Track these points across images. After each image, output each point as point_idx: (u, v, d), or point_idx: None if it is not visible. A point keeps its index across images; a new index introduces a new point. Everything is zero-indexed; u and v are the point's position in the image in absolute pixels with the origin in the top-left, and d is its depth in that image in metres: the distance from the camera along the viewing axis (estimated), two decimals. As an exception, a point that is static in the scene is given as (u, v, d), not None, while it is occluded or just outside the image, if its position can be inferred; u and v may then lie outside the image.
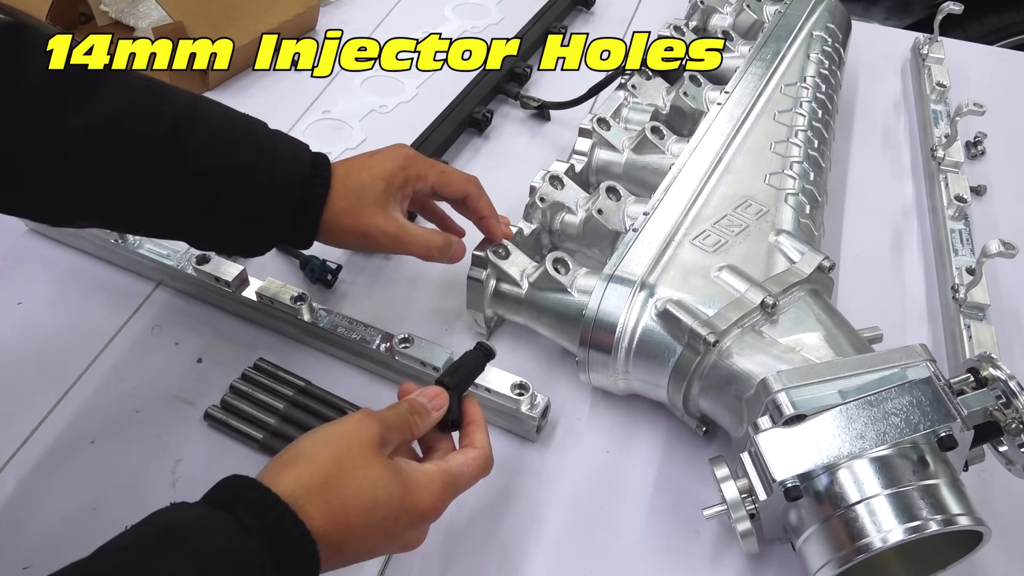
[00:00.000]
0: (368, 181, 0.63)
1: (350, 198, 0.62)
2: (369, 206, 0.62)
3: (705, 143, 0.79)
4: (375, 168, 0.63)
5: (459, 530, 0.62)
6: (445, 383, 0.56)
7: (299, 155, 0.62)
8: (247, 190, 0.58)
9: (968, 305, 0.76)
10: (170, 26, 0.93)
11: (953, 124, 0.92)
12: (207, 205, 0.58)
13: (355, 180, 0.63)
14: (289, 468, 0.46)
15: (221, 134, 0.59)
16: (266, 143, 0.61)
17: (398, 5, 1.19)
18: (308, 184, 0.61)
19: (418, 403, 0.54)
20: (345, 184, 0.62)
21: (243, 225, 0.60)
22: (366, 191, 0.62)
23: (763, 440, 0.54)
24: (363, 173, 0.63)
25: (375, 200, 0.62)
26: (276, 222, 0.60)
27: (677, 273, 0.66)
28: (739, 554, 0.61)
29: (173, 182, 0.56)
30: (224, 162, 0.58)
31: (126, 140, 0.55)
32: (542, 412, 0.66)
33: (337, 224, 0.62)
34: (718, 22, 1.05)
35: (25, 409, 0.67)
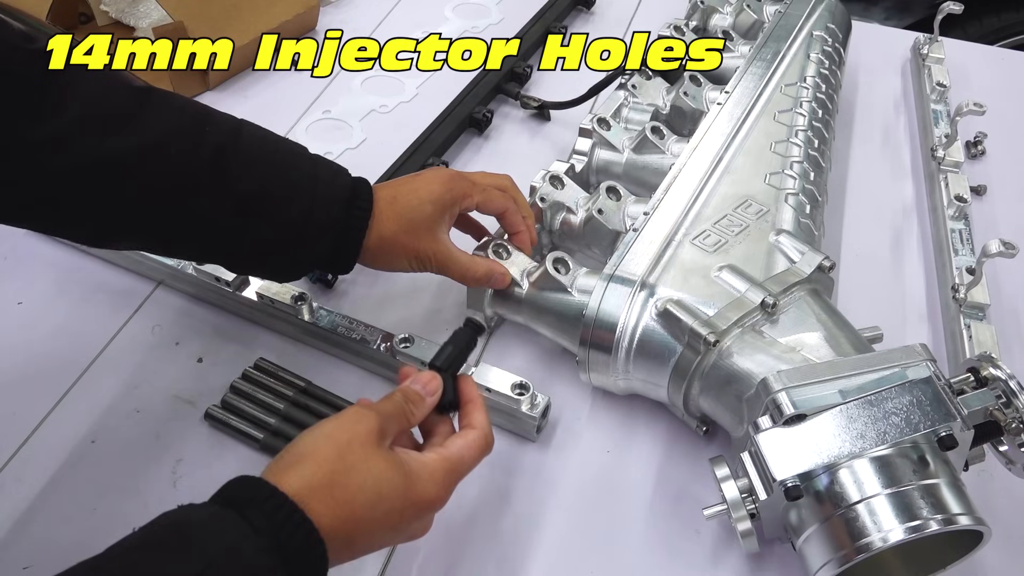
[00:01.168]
0: (417, 204, 0.63)
1: (401, 222, 0.63)
2: (421, 229, 0.63)
3: (705, 143, 0.79)
4: (423, 191, 0.64)
5: (459, 530, 0.62)
6: (437, 366, 0.56)
7: (339, 179, 0.62)
8: (288, 214, 0.59)
9: (968, 305, 0.76)
10: (170, 26, 0.93)
11: (953, 124, 0.92)
12: (248, 229, 0.58)
13: (404, 204, 0.63)
14: (293, 467, 0.46)
15: (264, 158, 0.59)
16: (307, 167, 0.61)
17: (398, 5, 1.19)
18: (348, 207, 0.61)
19: (412, 391, 0.54)
20: (394, 208, 0.63)
21: (283, 249, 0.60)
22: (417, 214, 0.63)
23: (763, 440, 0.54)
24: (411, 197, 0.64)
25: (426, 223, 0.64)
26: (316, 246, 0.61)
27: (677, 273, 0.66)
28: (739, 554, 0.61)
29: (215, 206, 0.56)
30: (266, 186, 0.58)
31: (170, 164, 0.55)
32: (542, 412, 0.66)
33: (389, 248, 0.63)
34: (718, 22, 1.05)
35: (25, 409, 0.67)
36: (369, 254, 0.63)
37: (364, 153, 0.94)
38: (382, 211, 0.62)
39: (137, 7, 1.01)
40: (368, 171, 0.86)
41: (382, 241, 0.63)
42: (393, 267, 0.65)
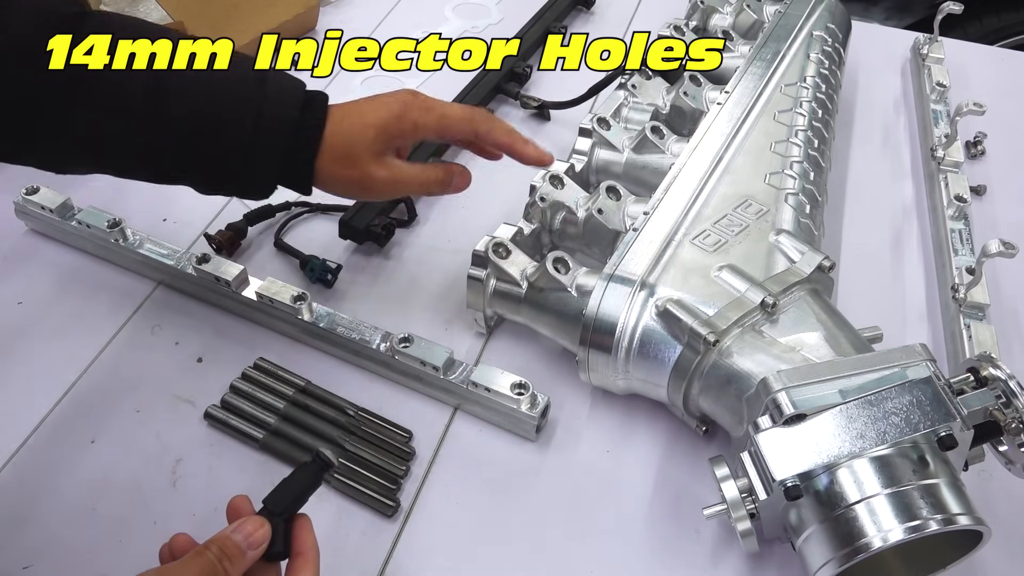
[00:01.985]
0: (360, 129, 0.61)
1: (342, 148, 0.60)
2: (362, 155, 0.61)
3: (705, 143, 0.79)
4: (369, 115, 0.61)
5: (459, 530, 0.62)
6: (270, 509, 0.48)
7: (288, 97, 0.59)
8: (229, 139, 0.57)
9: (968, 305, 0.76)
10: (170, 26, 0.93)
11: (953, 124, 0.92)
12: (190, 155, 0.57)
13: (347, 128, 0.61)
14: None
15: (203, 82, 0.57)
16: (252, 88, 0.59)
17: (398, 5, 1.19)
18: (297, 128, 0.59)
19: (231, 544, 0.45)
20: (337, 132, 0.60)
21: (233, 172, 0.59)
22: (357, 139, 0.60)
23: (763, 439, 0.54)
24: (356, 120, 0.61)
25: (367, 148, 0.61)
26: (266, 168, 0.59)
27: (677, 273, 0.66)
28: (739, 554, 0.61)
29: (152, 133, 0.56)
30: (204, 111, 0.57)
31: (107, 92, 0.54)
32: (542, 412, 0.66)
33: (332, 174, 0.61)
34: (718, 22, 1.05)
35: (25, 409, 0.67)
36: (322, 179, 0.62)
37: (364, 153, 0.94)
38: (329, 137, 0.60)
39: (137, 7, 1.01)
40: (368, 171, 0.86)
41: (326, 165, 0.61)
42: (341, 192, 0.64)
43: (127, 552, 0.59)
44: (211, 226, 0.84)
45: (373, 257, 0.82)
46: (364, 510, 0.62)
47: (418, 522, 0.62)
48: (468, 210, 0.88)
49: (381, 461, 0.64)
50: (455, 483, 0.65)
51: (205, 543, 0.45)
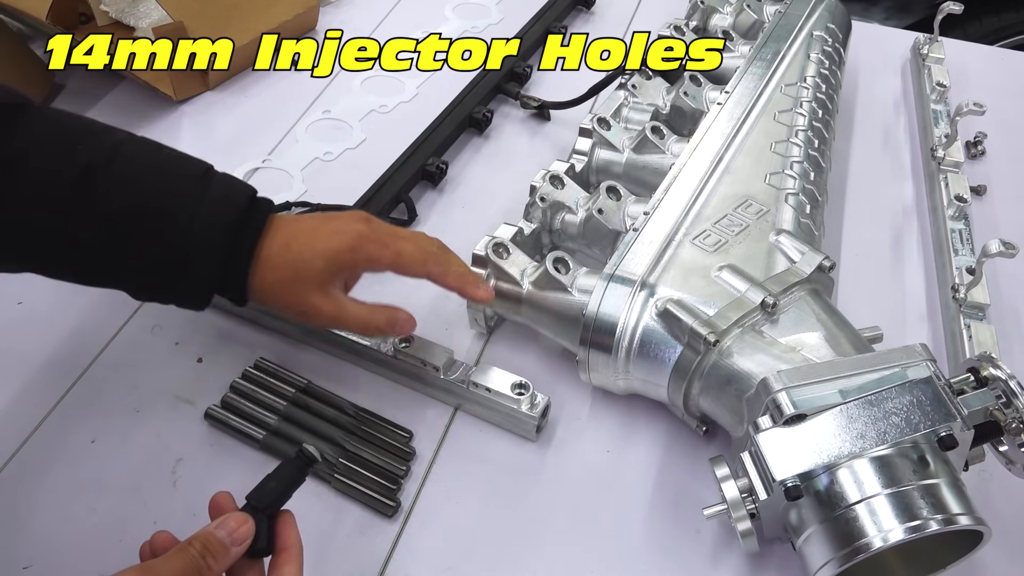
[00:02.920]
0: (309, 256, 0.57)
1: (286, 272, 0.57)
2: (307, 284, 0.58)
3: (705, 143, 0.79)
4: (320, 243, 0.58)
5: (459, 530, 0.62)
6: (253, 505, 0.48)
7: (233, 198, 0.57)
8: (162, 238, 0.54)
9: (968, 305, 0.76)
10: (170, 26, 0.93)
11: (953, 124, 0.92)
12: (120, 251, 0.54)
13: (295, 252, 0.58)
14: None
15: (141, 177, 0.55)
16: (192, 187, 0.56)
17: (398, 5, 1.19)
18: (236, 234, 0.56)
19: (214, 540, 0.45)
20: (284, 255, 0.57)
21: (165, 275, 0.56)
22: (305, 267, 0.57)
23: (763, 440, 0.54)
24: (306, 246, 0.58)
25: (314, 278, 0.58)
26: (200, 273, 0.56)
27: (677, 273, 0.66)
28: (739, 554, 0.61)
29: (81, 226, 0.53)
30: (137, 206, 0.54)
31: (31, 181, 0.52)
32: (542, 412, 0.66)
33: (273, 293, 0.58)
34: (718, 22, 1.05)
35: (25, 409, 0.67)
36: (255, 294, 0.58)
37: (364, 153, 0.94)
38: (272, 254, 0.57)
39: (137, 7, 1.01)
40: (368, 171, 0.87)
41: (266, 285, 0.58)
42: (278, 311, 0.61)
43: (127, 552, 0.59)
44: (211, 226, 0.84)
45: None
46: (364, 510, 0.62)
47: (418, 522, 0.62)
48: (468, 210, 0.88)
49: (381, 461, 0.64)
50: (455, 483, 0.65)
51: (188, 539, 0.45)
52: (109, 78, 1.00)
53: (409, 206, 0.86)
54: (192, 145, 0.94)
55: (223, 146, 0.94)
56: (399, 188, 0.85)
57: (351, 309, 0.60)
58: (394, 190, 0.85)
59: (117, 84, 1.00)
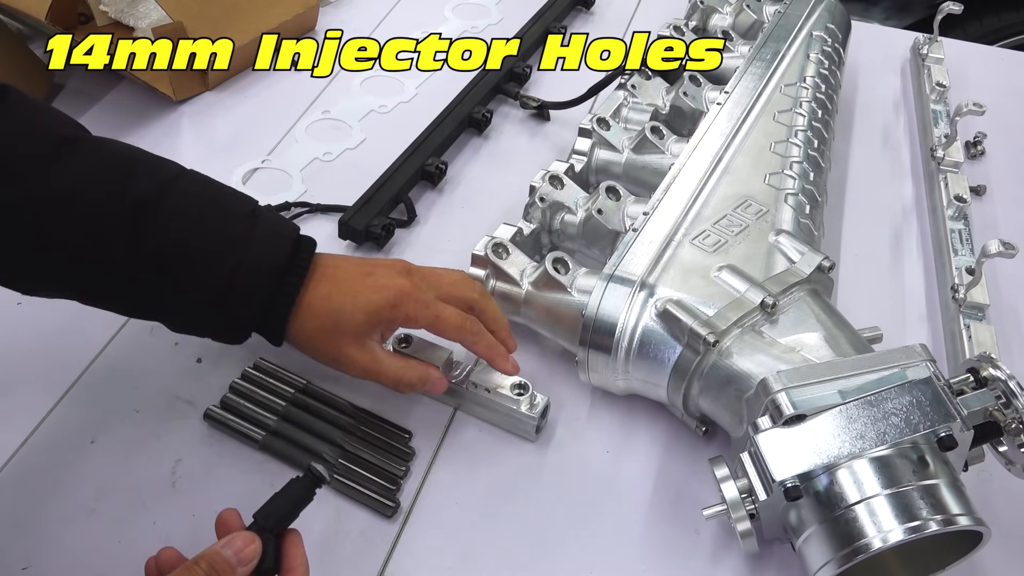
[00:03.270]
0: (350, 310, 0.59)
1: (327, 321, 0.59)
2: (346, 335, 0.59)
3: (705, 143, 0.79)
4: (361, 298, 0.59)
5: (459, 530, 0.62)
6: (260, 524, 0.48)
7: (279, 242, 0.58)
8: (208, 275, 0.55)
9: (968, 305, 0.76)
10: (170, 26, 0.93)
11: (953, 124, 0.92)
12: (167, 288, 0.55)
13: (336, 304, 0.59)
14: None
15: (191, 213, 0.56)
16: (240, 227, 0.57)
17: (398, 5, 1.19)
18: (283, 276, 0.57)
19: (221, 559, 0.45)
20: (325, 305, 0.59)
21: (206, 311, 0.57)
22: (346, 320, 0.59)
23: (763, 440, 0.54)
24: (347, 300, 0.59)
25: (353, 331, 0.59)
26: (241, 313, 0.57)
27: (677, 273, 0.66)
28: (739, 554, 0.61)
29: (129, 262, 0.54)
30: (187, 244, 0.55)
31: (83, 215, 0.53)
32: (542, 412, 0.66)
33: (311, 340, 0.60)
34: (718, 22, 1.05)
35: (25, 409, 0.67)
36: (294, 338, 0.60)
37: (363, 153, 0.94)
38: (315, 303, 0.58)
39: (137, 7, 1.01)
40: (368, 171, 0.87)
41: (305, 332, 0.59)
42: (312, 357, 0.62)
43: (127, 552, 0.59)
44: (211, 226, 0.84)
45: (372, 257, 0.82)
46: (364, 510, 0.62)
47: (418, 522, 0.62)
48: (468, 210, 0.88)
49: (381, 461, 0.64)
50: (455, 483, 0.65)
51: (194, 559, 0.45)
52: (109, 78, 1.00)
53: (409, 206, 0.86)
54: (192, 145, 0.94)
55: (223, 146, 0.94)
56: (399, 188, 0.85)
57: (386, 364, 0.61)
58: (394, 190, 0.85)
59: (117, 84, 1.00)
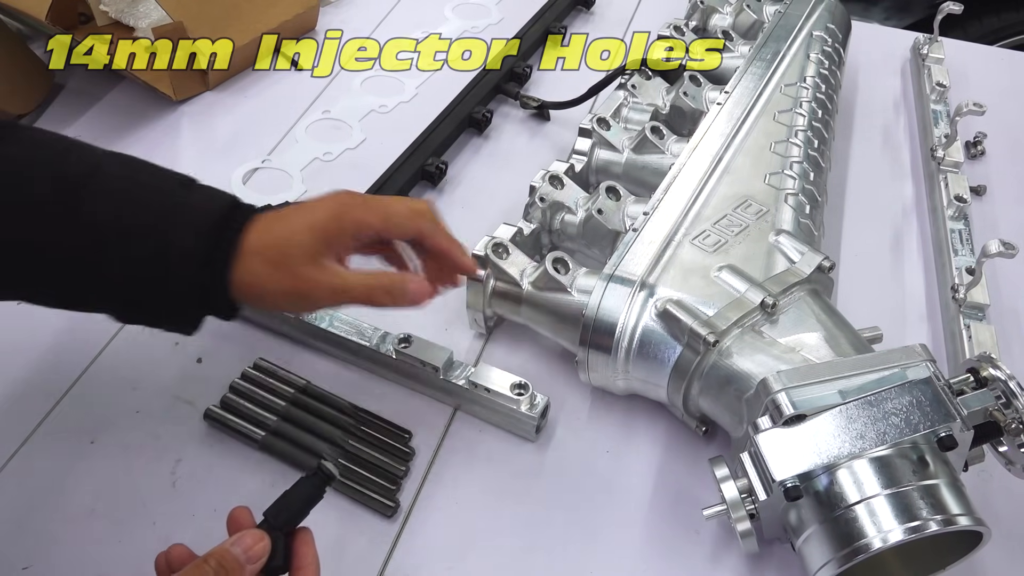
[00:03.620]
0: (292, 232, 0.54)
1: (272, 254, 0.54)
2: (298, 261, 0.54)
3: (705, 143, 0.79)
4: (302, 217, 0.55)
5: (459, 530, 0.62)
6: (270, 522, 0.48)
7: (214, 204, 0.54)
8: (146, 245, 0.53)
9: (968, 305, 0.76)
10: (170, 26, 0.93)
11: (953, 124, 0.92)
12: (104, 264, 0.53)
13: (277, 233, 0.54)
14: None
15: (124, 189, 0.54)
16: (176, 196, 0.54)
17: (398, 5, 1.19)
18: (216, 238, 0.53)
19: (230, 557, 0.45)
20: (265, 239, 0.54)
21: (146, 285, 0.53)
22: (292, 245, 0.54)
23: (763, 440, 0.54)
24: (287, 223, 0.55)
25: (304, 253, 0.54)
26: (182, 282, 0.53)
27: (677, 273, 0.66)
28: (739, 554, 0.61)
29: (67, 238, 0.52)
30: (122, 216, 0.52)
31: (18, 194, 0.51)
32: (541, 412, 0.66)
33: (263, 282, 0.54)
34: (718, 22, 1.05)
35: (25, 409, 0.67)
36: (246, 292, 0.54)
37: (364, 153, 0.94)
38: (253, 242, 0.53)
39: (137, 7, 1.01)
40: (367, 171, 0.87)
41: (254, 277, 0.53)
42: (278, 306, 0.58)
43: (127, 552, 0.59)
44: (211, 226, 0.84)
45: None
46: (364, 510, 0.62)
47: (418, 522, 0.62)
48: (468, 210, 0.88)
49: (381, 461, 0.64)
50: (455, 483, 0.65)
51: (204, 556, 0.45)
52: (109, 78, 1.00)
53: (409, 206, 0.85)
54: (192, 145, 0.94)
55: (223, 146, 0.94)
56: (399, 188, 0.85)
57: (349, 277, 0.55)
58: (394, 190, 0.85)
59: (117, 84, 1.00)
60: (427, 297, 0.58)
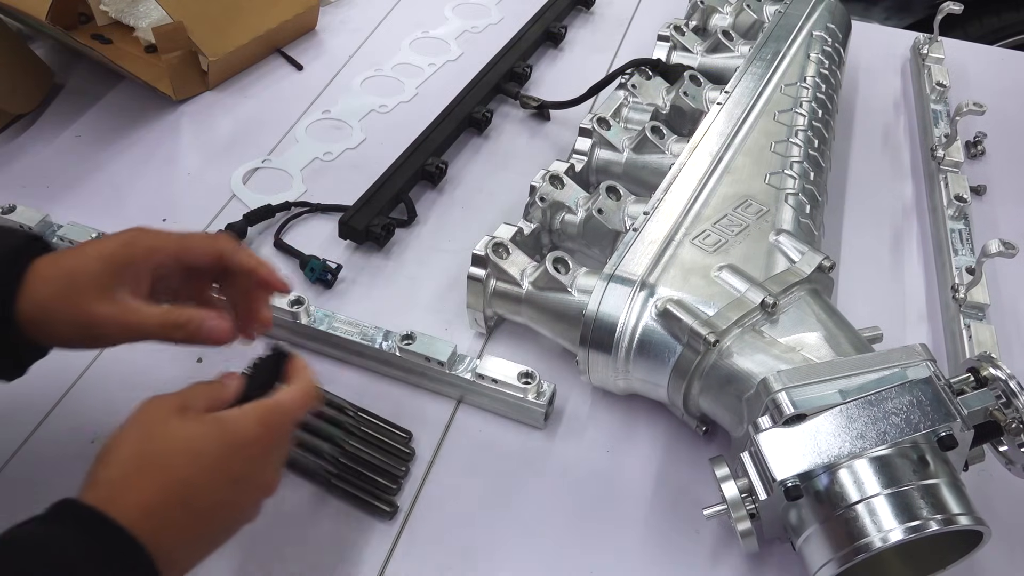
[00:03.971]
0: (82, 262, 0.51)
1: (59, 283, 0.51)
2: (87, 291, 0.51)
3: (705, 143, 0.79)
4: (91, 247, 0.53)
5: (459, 530, 0.62)
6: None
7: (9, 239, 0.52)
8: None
9: (968, 305, 0.76)
10: (170, 26, 0.93)
11: (953, 124, 0.92)
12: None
13: (65, 264, 0.52)
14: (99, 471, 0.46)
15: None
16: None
17: (398, 5, 1.19)
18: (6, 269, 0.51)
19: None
20: (51, 268, 0.51)
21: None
22: (79, 273, 0.51)
23: (763, 439, 0.54)
24: (77, 254, 0.52)
25: (93, 283, 0.51)
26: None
27: (677, 273, 0.66)
28: (739, 554, 0.61)
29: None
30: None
31: None
32: (549, 399, 0.66)
33: (46, 316, 0.51)
34: (718, 22, 1.05)
35: (25, 409, 0.67)
36: (33, 326, 0.51)
37: (364, 153, 0.94)
38: (39, 272, 0.51)
39: (137, 7, 1.01)
40: (368, 171, 0.87)
41: (38, 308, 0.51)
42: (66, 341, 0.54)
43: (127, 552, 0.59)
44: (211, 226, 0.84)
45: (373, 257, 0.82)
46: (364, 511, 0.62)
47: (418, 522, 0.62)
48: (468, 210, 0.88)
49: (381, 462, 0.64)
50: (455, 483, 0.65)
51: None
52: (109, 78, 1.00)
53: (409, 206, 0.86)
54: (192, 145, 0.94)
55: (223, 146, 0.94)
56: (399, 188, 0.85)
57: (141, 310, 0.52)
58: (394, 190, 0.85)
59: (117, 84, 1.00)
60: (227, 335, 0.54)
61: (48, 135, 0.93)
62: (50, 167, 0.90)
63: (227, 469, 0.46)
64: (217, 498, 0.46)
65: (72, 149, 0.92)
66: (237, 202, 0.86)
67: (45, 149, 0.92)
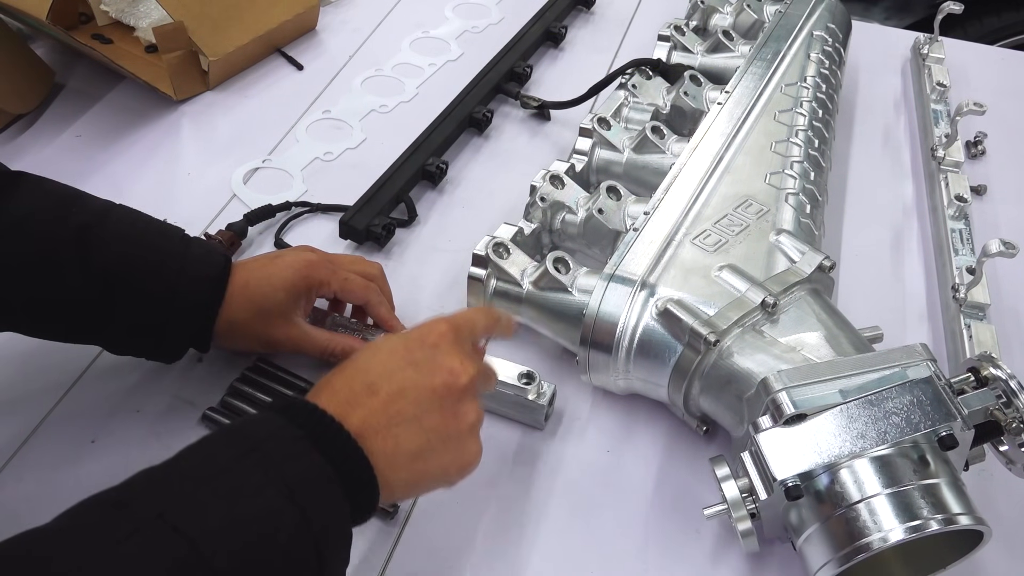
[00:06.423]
0: (270, 292, 0.64)
1: (252, 309, 0.63)
2: (272, 316, 0.64)
3: (705, 143, 0.79)
4: (276, 278, 0.64)
5: (459, 530, 0.62)
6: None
7: (212, 257, 0.63)
8: (155, 290, 0.60)
9: (968, 305, 0.76)
10: (170, 26, 0.93)
11: (953, 124, 0.92)
12: (114, 305, 0.59)
13: (255, 291, 0.64)
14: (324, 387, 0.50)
15: (131, 236, 0.61)
16: (177, 246, 0.62)
17: (398, 5, 1.19)
18: (217, 285, 0.62)
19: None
20: (245, 293, 0.63)
21: (152, 325, 0.61)
22: (268, 303, 0.64)
23: (764, 439, 0.54)
24: (264, 285, 0.64)
25: (278, 311, 0.64)
26: (186, 322, 0.62)
27: (678, 273, 0.66)
28: (739, 553, 0.61)
29: (79, 282, 0.58)
30: (132, 262, 0.60)
31: (32, 242, 0.57)
32: (549, 400, 0.66)
33: (239, 332, 0.64)
34: (718, 22, 1.05)
35: (25, 409, 0.67)
36: (219, 336, 0.64)
37: (364, 153, 0.94)
38: (233, 296, 0.63)
39: (137, 7, 1.01)
40: (368, 171, 0.87)
41: (232, 326, 0.63)
42: (243, 348, 0.68)
43: (127, 552, 0.59)
44: (211, 226, 0.84)
45: (373, 257, 0.82)
46: (364, 510, 0.62)
47: (418, 522, 0.62)
48: (468, 210, 0.88)
49: (381, 461, 0.64)
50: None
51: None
52: (109, 78, 1.00)
53: (409, 206, 0.86)
54: (192, 145, 0.94)
55: (223, 146, 0.94)
56: (399, 188, 0.85)
57: (312, 335, 0.66)
58: (394, 190, 0.85)
59: (117, 84, 1.00)
60: None
61: (48, 135, 0.93)
62: (50, 167, 0.89)
63: (405, 353, 0.50)
64: (397, 380, 0.48)
65: (72, 149, 0.92)
66: (237, 202, 0.86)
67: (45, 149, 0.92)
